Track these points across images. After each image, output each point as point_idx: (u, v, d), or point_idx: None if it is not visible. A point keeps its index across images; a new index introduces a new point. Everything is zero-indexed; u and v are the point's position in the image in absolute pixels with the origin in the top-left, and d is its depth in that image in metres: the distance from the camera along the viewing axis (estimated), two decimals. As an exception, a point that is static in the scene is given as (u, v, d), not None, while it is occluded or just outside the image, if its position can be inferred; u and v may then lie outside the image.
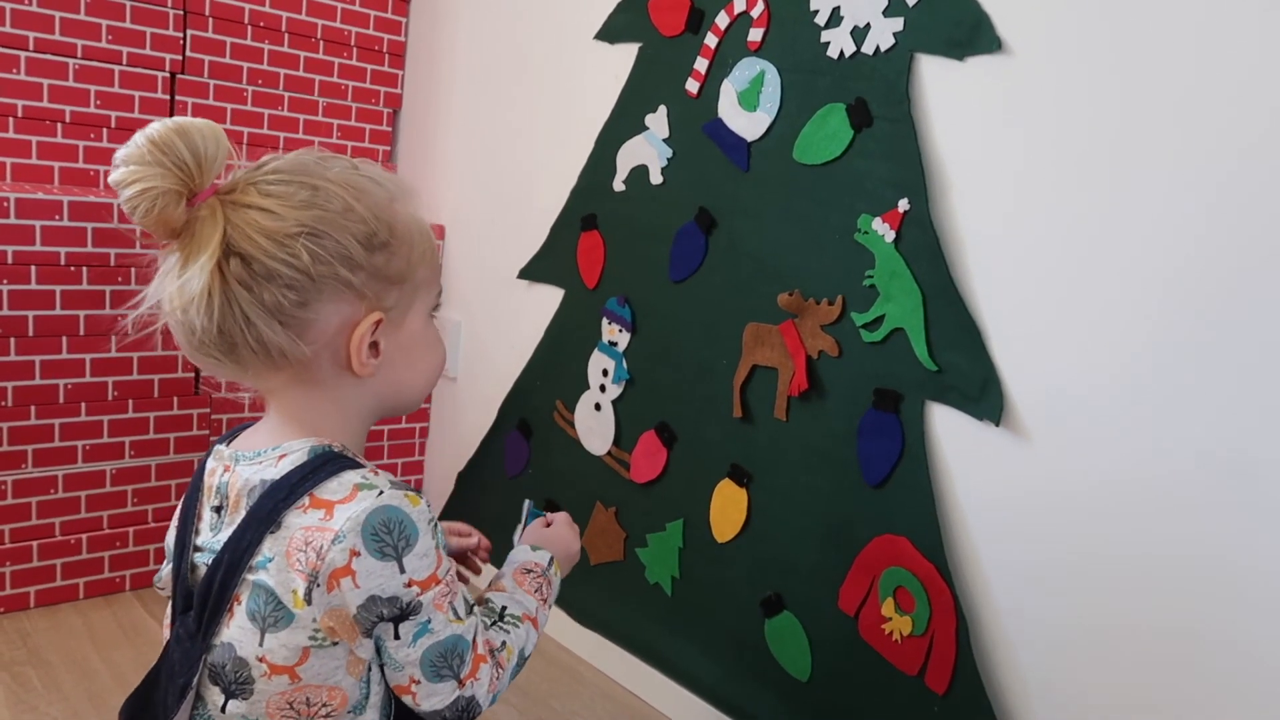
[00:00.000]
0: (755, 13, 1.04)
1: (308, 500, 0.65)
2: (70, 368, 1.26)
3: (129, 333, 0.67)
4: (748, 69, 1.06)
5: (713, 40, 1.09)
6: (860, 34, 0.95)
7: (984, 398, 0.88)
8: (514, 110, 1.42)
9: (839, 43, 0.96)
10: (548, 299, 1.35)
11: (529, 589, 0.80)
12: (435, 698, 0.69)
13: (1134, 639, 0.80)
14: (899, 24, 0.91)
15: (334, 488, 0.65)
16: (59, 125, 1.33)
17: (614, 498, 1.25)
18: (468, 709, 0.70)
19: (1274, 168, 0.71)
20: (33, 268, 1.21)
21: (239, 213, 0.65)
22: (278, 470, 0.67)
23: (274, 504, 0.66)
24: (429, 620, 0.67)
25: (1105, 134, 0.80)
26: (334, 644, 0.66)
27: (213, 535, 0.70)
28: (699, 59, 1.11)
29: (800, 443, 1.03)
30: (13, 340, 1.22)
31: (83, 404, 1.28)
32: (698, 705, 1.16)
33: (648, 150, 1.18)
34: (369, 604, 0.64)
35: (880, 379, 0.95)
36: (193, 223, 0.65)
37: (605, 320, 1.25)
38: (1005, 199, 0.87)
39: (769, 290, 1.04)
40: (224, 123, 1.45)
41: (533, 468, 1.38)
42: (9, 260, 1.19)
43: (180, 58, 1.40)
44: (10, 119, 1.30)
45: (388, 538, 0.64)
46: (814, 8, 0.99)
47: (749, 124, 1.06)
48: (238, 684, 0.66)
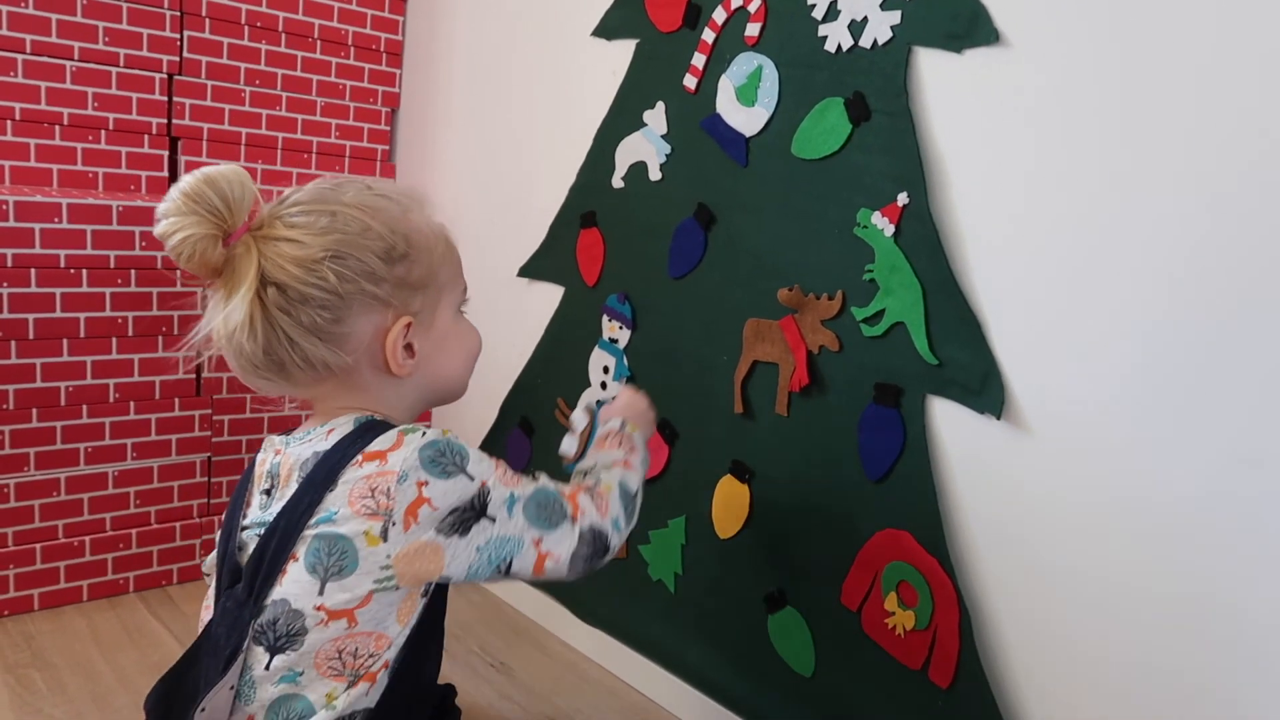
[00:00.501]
0: (752, 8, 1.04)
1: (361, 457, 0.72)
2: (71, 370, 1.26)
3: (195, 354, 0.76)
4: (745, 64, 1.06)
5: (710, 35, 1.09)
6: (857, 28, 0.94)
7: (985, 391, 0.88)
8: (512, 108, 1.42)
9: (836, 37, 0.96)
10: (548, 297, 1.35)
11: (609, 448, 0.89)
12: (564, 544, 0.76)
13: (1137, 632, 0.80)
14: (896, 17, 0.91)
15: (382, 440, 0.73)
16: (57, 128, 1.33)
17: (616, 495, 1.24)
18: (595, 539, 0.78)
19: None
20: (32, 271, 1.21)
21: (270, 245, 0.72)
22: (328, 442, 0.74)
23: (329, 468, 0.72)
24: (510, 492, 0.75)
25: (1107, 125, 0.80)
26: (395, 588, 0.72)
27: (262, 513, 0.75)
28: (696, 54, 1.11)
29: (802, 438, 1.03)
30: (13, 344, 1.22)
31: (84, 406, 1.28)
32: (701, 701, 1.16)
33: (646, 147, 1.18)
34: (455, 514, 0.72)
35: (881, 373, 0.95)
36: (231, 260, 0.72)
37: (605, 317, 1.25)
38: (1005, 192, 0.86)
39: (769, 285, 1.03)
40: (221, 123, 1.45)
41: (535, 465, 1.38)
42: (8, 263, 1.19)
43: (177, 59, 1.40)
44: (8, 122, 1.30)
45: (445, 460, 0.72)
46: (811, 2, 0.98)
47: (747, 119, 1.06)
48: (288, 637, 0.71)
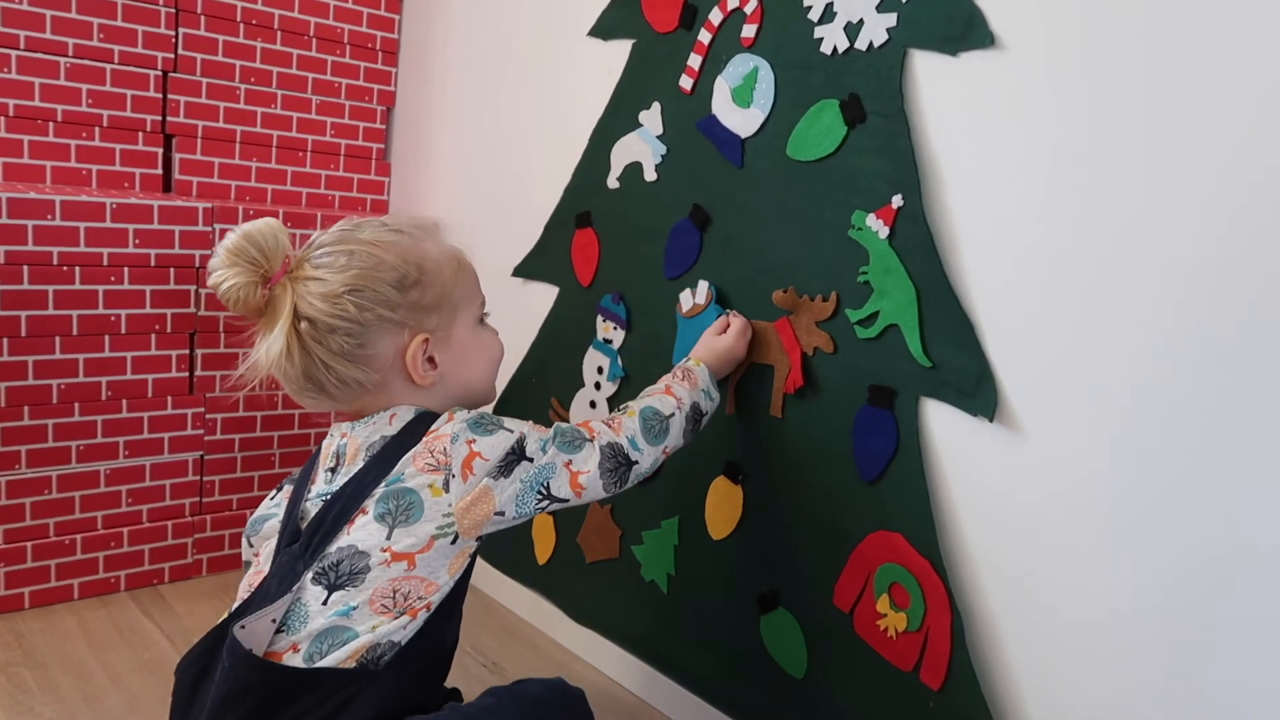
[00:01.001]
0: (748, 9, 1.04)
1: (428, 436, 0.84)
2: (63, 368, 1.26)
3: (248, 387, 0.86)
4: (741, 65, 1.06)
5: (706, 36, 1.09)
6: (853, 30, 0.95)
7: (978, 393, 0.88)
8: (508, 108, 1.41)
9: (832, 38, 0.96)
10: (542, 297, 1.35)
11: (670, 381, 0.98)
12: (590, 461, 0.87)
13: (1129, 634, 0.80)
14: (892, 20, 0.91)
15: (439, 421, 0.85)
16: (51, 124, 1.33)
17: (609, 495, 1.24)
18: (615, 453, 0.89)
19: (1276, 164, 0.71)
20: (25, 268, 1.20)
21: (301, 285, 0.83)
22: (393, 427, 0.85)
23: (399, 446, 0.84)
24: (542, 438, 0.86)
25: (1100, 128, 0.80)
26: (454, 539, 0.82)
27: (327, 486, 0.85)
28: (692, 55, 1.11)
29: (795, 439, 1.03)
30: (5, 341, 1.21)
31: (76, 404, 1.28)
32: (694, 702, 1.16)
33: (642, 147, 1.18)
34: (504, 459, 0.83)
35: (875, 375, 0.95)
36: (271, 300, 0.84)
37: (600, 318, 1.25)
38: (1000, 194, 0.86)
39: (763, 287, 1.04)
40: (216, 121, 1.45)
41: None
42: (1, 260, 1.19)
43: (172, 56, 1.40)
44: (2, 118, 1.29)
45: (485, 422, 0.85)
46: (807, 4, 0.99)
47: (743, 120, 1.06)
48: (349, 575, 0.80)
